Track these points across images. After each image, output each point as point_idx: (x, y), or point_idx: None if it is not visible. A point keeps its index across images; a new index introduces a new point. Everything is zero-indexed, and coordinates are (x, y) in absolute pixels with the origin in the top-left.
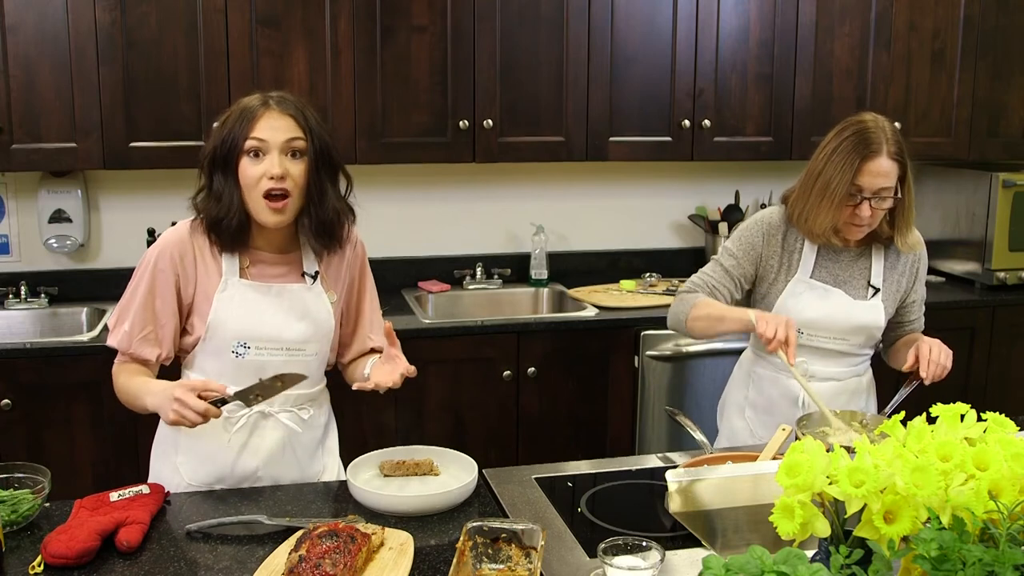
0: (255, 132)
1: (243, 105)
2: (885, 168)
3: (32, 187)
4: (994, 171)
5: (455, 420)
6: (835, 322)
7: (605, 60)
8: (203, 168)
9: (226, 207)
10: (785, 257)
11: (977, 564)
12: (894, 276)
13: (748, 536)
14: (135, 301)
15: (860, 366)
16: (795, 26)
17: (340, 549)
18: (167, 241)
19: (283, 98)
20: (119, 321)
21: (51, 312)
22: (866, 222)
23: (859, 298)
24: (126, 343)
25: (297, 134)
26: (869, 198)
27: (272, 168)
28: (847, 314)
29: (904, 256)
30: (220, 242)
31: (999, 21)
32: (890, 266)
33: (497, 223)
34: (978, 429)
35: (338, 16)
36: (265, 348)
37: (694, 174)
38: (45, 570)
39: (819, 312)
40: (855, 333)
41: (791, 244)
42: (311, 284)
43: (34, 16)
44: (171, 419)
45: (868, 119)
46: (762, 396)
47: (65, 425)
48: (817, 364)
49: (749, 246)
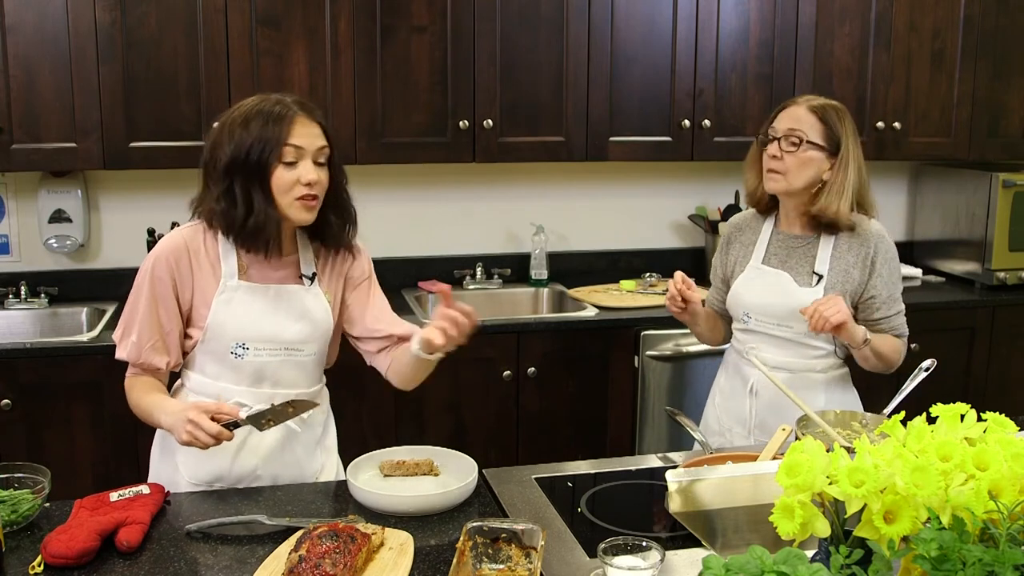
0: (292, 139)
1: (266, 111)
2: (798, 113)
3: (32, 187)
4: (994, 171)
5: (455, 420)
6: (777, 306)
7: (605, 60)
8: (210, 172)
9: (261, 213)
10: (744, 250)
11: (977, 564)
12: (842, 266)
13: (748, 536)
14: (139, 311)
15: (817, 360)
16: (795, 26)
17: (340, 549)
18: (162, 249)
19: (304, 103)
20: (125, 333)
21: (51, 312)
22: (776, 165)
23: (803, 284)
24: (135, 354)
25: (324, 142)
26: (778, 138)
27: (308, 174)
28: (788, 298)
29: (857, 248)
30: (246, 244)
31: (999, 21)
32: (838, 255)
33: (497, 223)
34: (978, 429)
35: (338, 16)
36: (264, 349)
37: (694, 174)
38: (45, 570)
39: (763, 297)
40: (797, 319)
41: (749, 237)
42: (309, 286)
43: (34, 16)
44: (184, 440)
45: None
46: (728, 381)
47: (65, 425)
48: (768, 351)
49: (719, 252)
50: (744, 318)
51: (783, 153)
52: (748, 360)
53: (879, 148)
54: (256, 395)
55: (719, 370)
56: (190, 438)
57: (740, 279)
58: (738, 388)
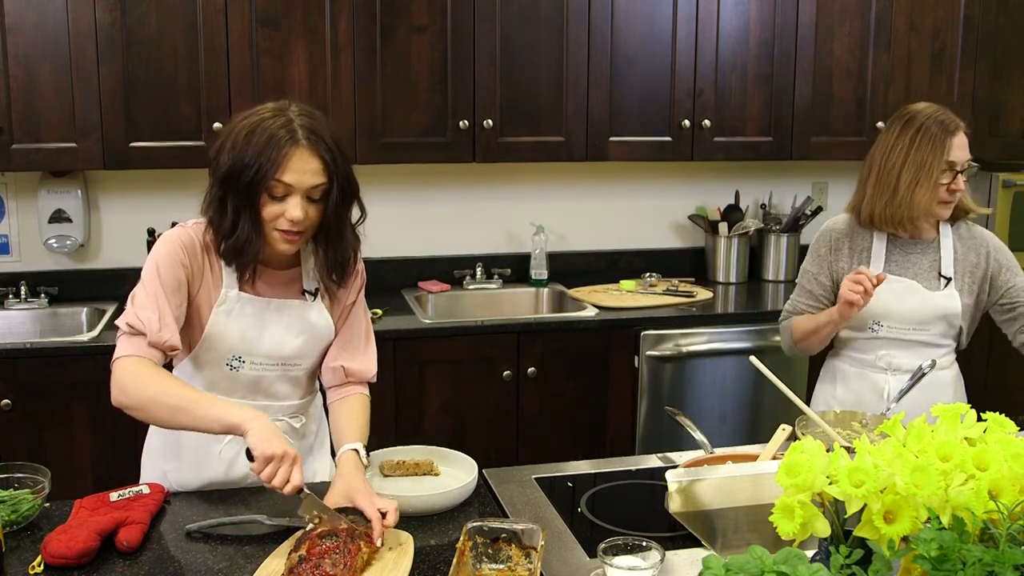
0: (282, 175)
1: (271, 130)
2: (965, 141)
3: (32, 187)
4: (994, 171)
5: (455, 420)
6: (913, 312)
7: (605, 60)
8: (213, 173)
9: (244, 235)
10: (855, 260)
11: (977, 564)
12: (966, 266)
13: (748, 536)
14: (157, 287)
15: (943, 359)
16: (795, 26)
17: (340, 549)
18: (179, 236)
19: (313, 131)
20: (140, 307)
21: (51, 312)
22: (958, 196)
23: (933, 289)
24: (155, 326)
25: (323, 180)
26: (961, 171)
27: (293, 212)
28: (924, 303)
29: (970, 246)
30: (227, 258)
31: (999, 21)
32: (960, 258)
33: (497, 223)
34: (978, 429)
35: (338, 16)
36: (261, 363)
37: (694, 174)
38: (45, 570)
39: (896, 303)
40: (934, 322)
41: (859, 246)
42: (312, 301)
43: (34, 16)
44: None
45: (924, 107)
46: (850, 392)
47: (65, 425)
48: (900, 356)
49: (819, 258)
50: (873, 327)
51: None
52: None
53: None
54: (249, 406)
55: (824, 383)
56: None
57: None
58: (867, 397)
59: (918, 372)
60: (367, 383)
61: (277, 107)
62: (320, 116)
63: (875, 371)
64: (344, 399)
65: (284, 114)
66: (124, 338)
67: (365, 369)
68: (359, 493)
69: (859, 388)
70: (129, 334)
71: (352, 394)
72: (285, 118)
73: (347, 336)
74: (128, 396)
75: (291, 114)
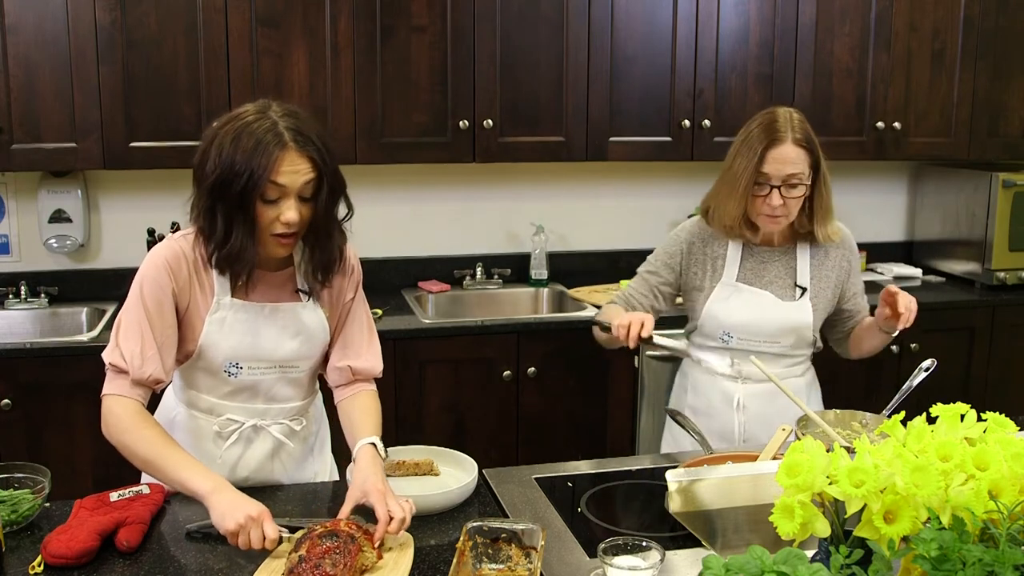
0: (275, 177)
1: (258, 134)
2: (790, 155)
3: (32, 187)
4: (994, 171)
5: (455, 420)
6: (764, 324)
7: (605, 60)
8: (199, 181)
9: (238, 244)
10: (709, 263)
11: (977, 564)
12: (822, 274)
13: (748, 536)
14: (140, 317)
15: (797, 367)
16: (795, 26)
17: (340, 549)
18: (163, 255)
19: (299, 131)
20: (124, 339)
21: (51, 312)
22: (779, 212)
23: (787, 298)
24: (138, 362)
25: (313, 177)
26: (778, 186)
27: (288, 214)
28: (775, 315)
29: (832, 253)
30: (221, 268)
31: (999, 21)
32: (817, 264)
33: (497, 223)
34: (978, 429)
35: (338, 16)
36: (258, 368)
37: (694, 174)
38: (45, 570)
39: (747, 315)
40: (785, 334)
41: (715, 250)
42: (305, 301)
43: (34, 16)
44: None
45: (778, 110)
46: (700, 400)
47: (65, 425)
48: (751, 365)
49: (667, 255)
50: (724, 337)
51: (784, 199)
52: (728, 375)
53: (879, 148)
54: (249, 410)
55: (677, 390)
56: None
57: (713, 298)
58: (717, 405)
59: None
60: (373, 379)
61: (258, 109)
62: (303, 114)
63: (726, 379)
64: (353, 396)
65: (267, 116)
66: (109, 375)
67: (371, 366)
68: (373, 492)
69: (710, 397)
70: (114, 371)
71: (360, 391)
72: (270, 121)
73: (350, 334)
74: (110, 435)
75: (274, 115)
